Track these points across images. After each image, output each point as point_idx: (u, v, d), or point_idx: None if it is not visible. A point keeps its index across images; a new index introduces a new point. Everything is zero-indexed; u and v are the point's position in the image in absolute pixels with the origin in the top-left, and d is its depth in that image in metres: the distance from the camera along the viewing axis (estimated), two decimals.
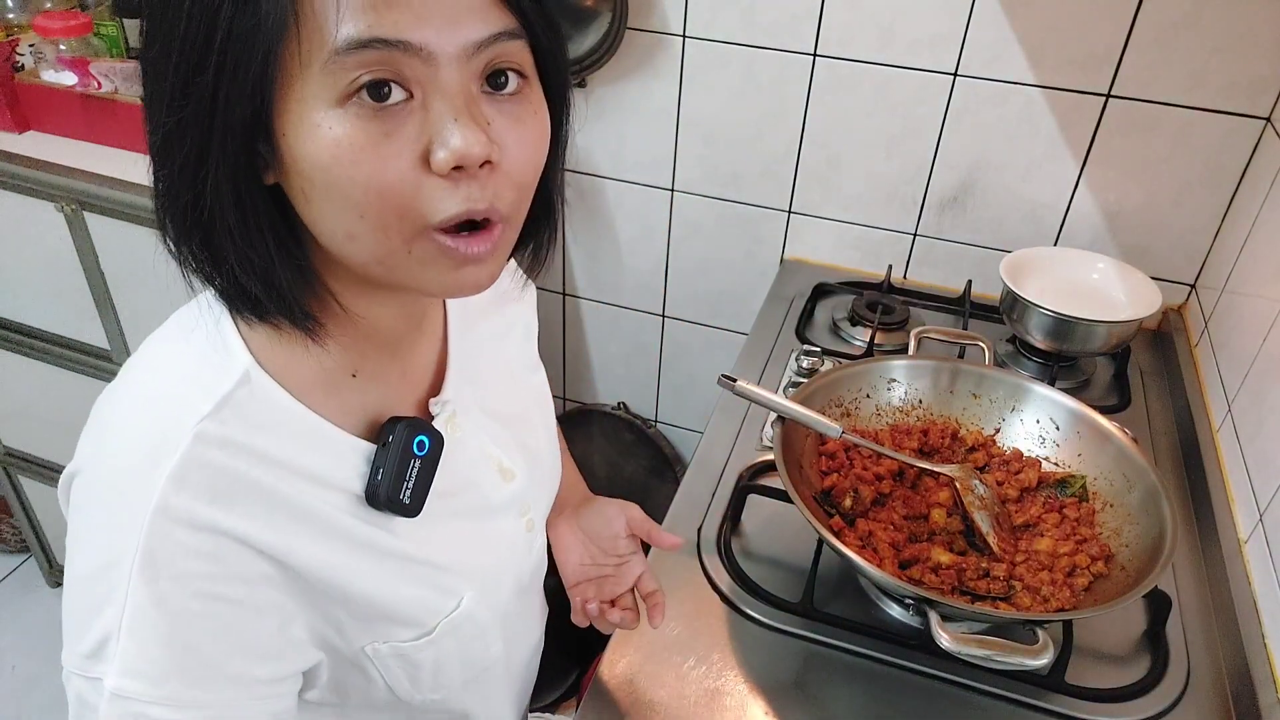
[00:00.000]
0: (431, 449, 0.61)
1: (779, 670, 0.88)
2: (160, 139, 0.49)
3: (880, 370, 1.06)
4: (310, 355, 0.56)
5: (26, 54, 1.50)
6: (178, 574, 0.51)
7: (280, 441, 0.55)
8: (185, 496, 0.51)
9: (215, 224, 0.49)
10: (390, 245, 0.49)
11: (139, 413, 0.54)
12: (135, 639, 0.51)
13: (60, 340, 1.61)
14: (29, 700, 1.93)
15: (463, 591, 0.66)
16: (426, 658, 0.65)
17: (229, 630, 0.53)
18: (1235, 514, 1.03)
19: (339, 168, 0.46)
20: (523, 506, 0.74)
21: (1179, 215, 1.31)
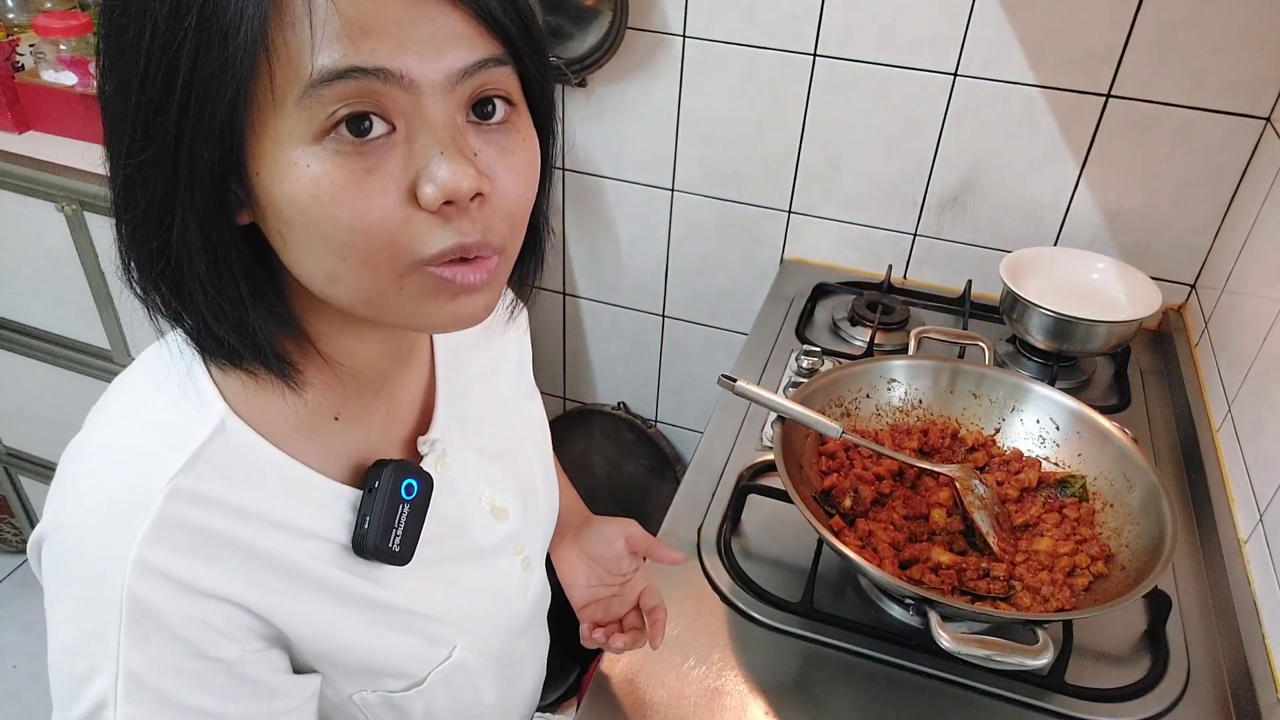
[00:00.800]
0: (420, 492, 0.58)
1: (779, 670, 0.88)
2: (121, 182, 0.46)
3: (880, 370, 1.06)
4: (289, 400, 0.53)
5: (26, 54, 1.50)
6: (166, 640, 0.49)
7: (260, 494, 0.52)
8: (162, 557, 0.48)
9: (184, 270, 0.46)
10: (379, 284, 0.46)
11: (108, 470, 0.51)
12: (134, 704, 0.49)
13: (60, 340, 1.61)
14: (31, 698, 1.93)
15: (454, 640, 0.63)
16: (417, 707, 0.63)
17: (226, 683, 0.52)
18: (1235, 514, 1.03)
19: (319, 208, 0.43)
20: (517, 545, 0.71)
21: (1179, 215, 1.31)
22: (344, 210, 0.43)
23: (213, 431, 0.50)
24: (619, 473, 1.88)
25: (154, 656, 0.49)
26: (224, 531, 0.50)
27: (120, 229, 0.48)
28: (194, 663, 0.50)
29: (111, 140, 0.46)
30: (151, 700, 0.49)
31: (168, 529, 0.48)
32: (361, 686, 0.60)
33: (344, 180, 0.43)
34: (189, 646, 0.50)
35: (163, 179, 0.43)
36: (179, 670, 0.49)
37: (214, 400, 0.51)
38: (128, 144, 0.44)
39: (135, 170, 0.44)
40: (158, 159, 0.43)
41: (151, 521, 0.48)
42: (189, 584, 0.49)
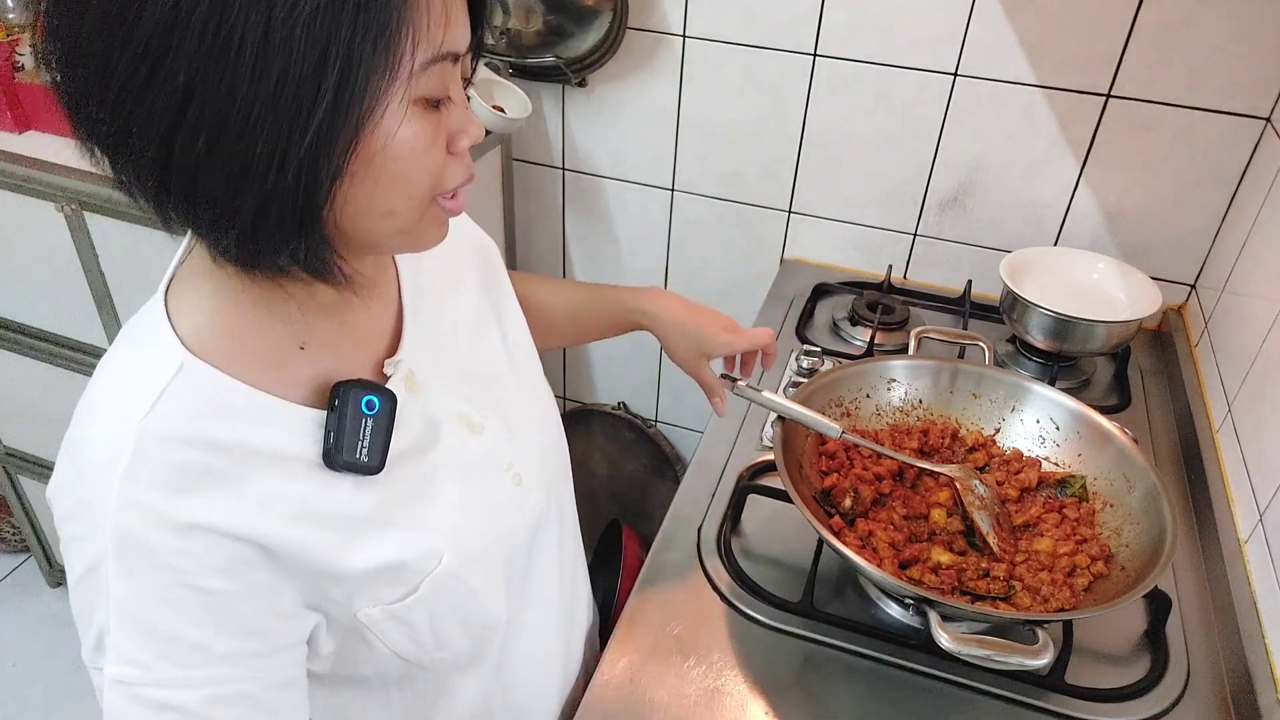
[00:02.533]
0: (383, 407, 0.61)
1: (779, 670, 0.88)
2: (250, 151, 0.48)
3: (880, 370, 1.06)
4: (253, 335, 0.59)
5: (26, 54, 1.50)
6: (150, 568, 0.53)
7: (227, 425, 0.56)
8: (141, 494, 0.53)
9: (267, 207, 0.50)
10: (416, 215, 0.57)
11: (92, 425, 0.57)
12: (123, 631, 0.54)
13: (60, 340, 1.61)
14: (29, 697, 1.93)
15: (440, 549, 0.66)
16: (420, 617, 0.66)
17: (211, 616, 0.56)
18: (1235, 514, 1.03)
19: (413, 158, 0.53)
20: (505, 463, 0.74)
21: (1179, 215, 1.31)
22: (426, 161, 0.54)
23: (174, 373, 0.55)
24: (619, 472, 1.88)
25: (140, 587, 0.53)
26: (197, 463, 0.55)
27: (199, 196, 0.50)
28: (179, 593, 0.54)
29: (235, 117, 0.47)
30: (140, 630, 0.54)
31: (143, 466, 0.53)
32: (363, 601, 0.63)
33: (427, 138, 0.54)
34: (174, 575, 0.54)
35: (281, 134, 0.47)
36: (164, 600, 0.54)
37: (174, 346, 0.56)
38: (259, 121, 0.47)
39: (265, 137, 0.48)
40: (289, 132, 0.47)
41: (128, 461, 0.53)
42: (169, 516, 0.53)
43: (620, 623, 0.92)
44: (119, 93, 0.47)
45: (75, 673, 1.96)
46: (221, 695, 0.57)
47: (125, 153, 0.50)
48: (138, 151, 0.49)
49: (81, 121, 0.50)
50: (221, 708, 0.57)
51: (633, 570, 1.01)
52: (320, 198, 0.51)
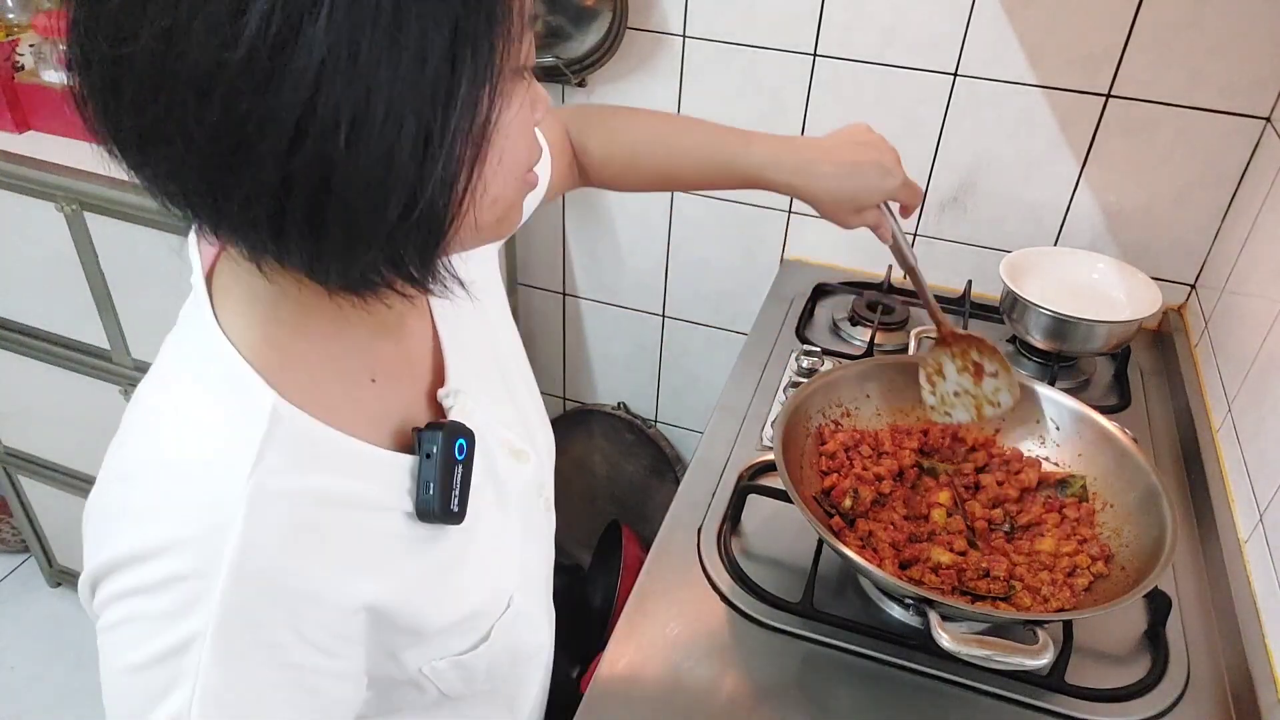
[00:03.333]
0: (469, 451, 0.58)
1: (779, 670, 0.88)
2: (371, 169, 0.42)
3: (880, 370, 1.06)
4: (328, 369, 0.53)
5: (26, 54, 1.50)
6: (255, 645, 0.48)
7: (324, 476, 0.51)
8: (260, 558, 0.47)
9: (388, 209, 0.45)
10: (515, 197, 0.53)
11: (173, 483, 0.48)
12: (205, 718, 0.47)
13: (60, 340, 1.61)
14: (29, 699, 1.93)
15: (510, 589, 0.64)
16: (481, 664, 0.64)
17: (307, 698, 0.51)
18: (1235, 514, 1.03)
19: (520, 133, 0.50)
20: (540, 487, 0.73)
21: (1179, 215, 1.31)
22: (528, 135, 0.51)
23: (269, 418, 0.48)
24: (619, 473, 1.88)
25: (241, 668, 0.48)
26: (309, 522, 0.50)
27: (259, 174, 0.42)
28: (275, 674, 0.49)
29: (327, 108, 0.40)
30: (229, 716, 0.48)
31: (259, 531, 0.47)
32: (432, 655, 0.60)
33: (526, 110, 0.50)
34: (275, 654, 0.49)
35: (425, 115, 0.42)
36: (259, 685, 0.49)
37: (259, 386, 0.49)
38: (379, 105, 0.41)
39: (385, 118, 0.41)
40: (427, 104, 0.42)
41: (241, 526, 0.46)
42: (288, 589, 0.48)
43: (620, 623, 0.91)
44: (227, 100, 0.39)
45: (75, 673, 1.96)
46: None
47: (239, 170, 0.41)
48: (253, 174, 0.41)
49: (164, 160, 0.43)
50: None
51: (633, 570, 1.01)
52: (461, 189, 0.45)
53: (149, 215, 1.36)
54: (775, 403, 1.21)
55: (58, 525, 2.01)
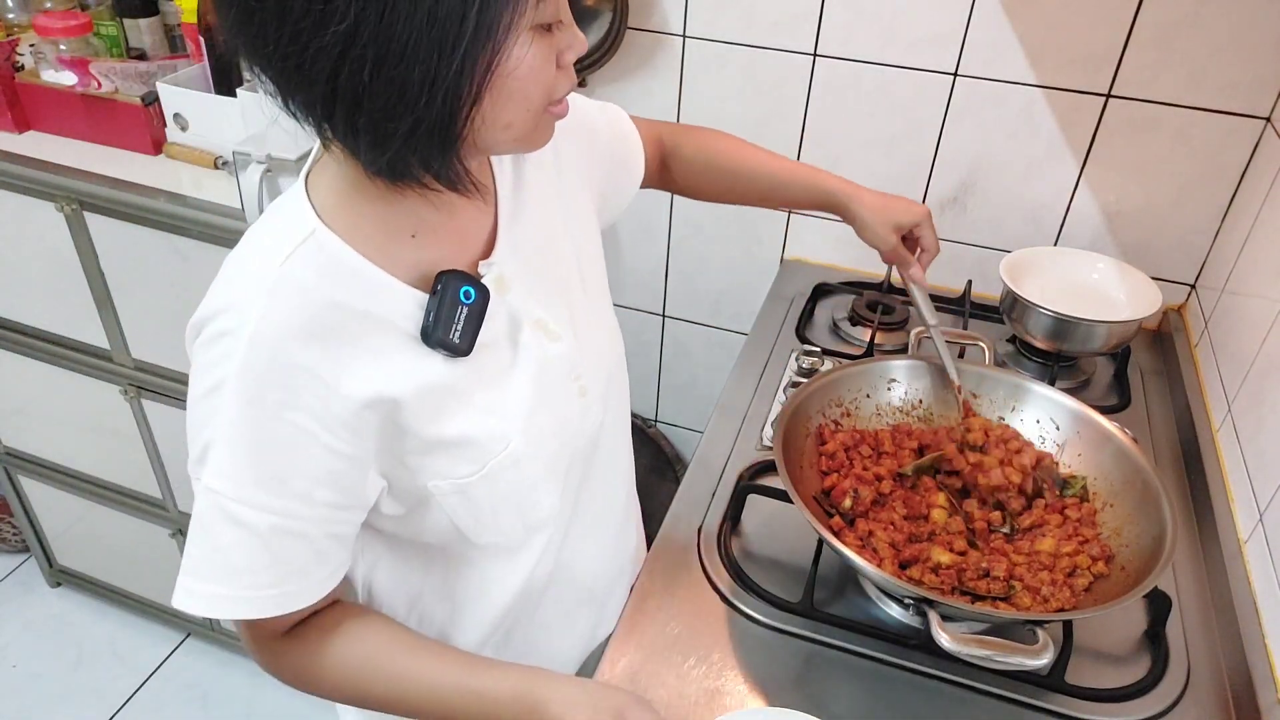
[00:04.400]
0: (478, 299, 0.69)
1: (779, 670, 0.88)
2: (407, 79, 0.56)
3: (880, 370, 1.06)
4: (374, 217, 0.66)
5: (26, 54, 1.50)
6: (262, 399, 0.62)
7: (345, 288, 0.64)
8: (271, 331, 0.62)
9: (431, 116, 0.58)
10: (532, 124, 0.64)
11: (239, 268, 0.66)
12: (226, 447, 0.64)
13: (60, 340, 1.61)
14: (29, 697, 1.93)
15: (510, 436, 0.73)
16: (482, 495, 0.73)
17: (297, 454, 0.65)
18: (1235, 514, 1.03)
19: (535, 74, 0.61)
20: (573, 371, 0.80)
21: (1179, 215, 1.31)
22: (542, 78, 0.62)
23: (307, 235, 0.64)
24: None
25: (250, 410, 0.63)
26: (318, 317, 0.63)
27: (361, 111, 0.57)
28: (278, 425, 0.63)
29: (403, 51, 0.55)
30: (240, 448, 0.63)
31: (276, 309, 0.62)
32: (434, 473, 0.71)
33: (543, 59, 0.61)
34: (279, 408, 0.63)
35: (433, 62, 0.55)
36: (265, 427, 0.63)
37: (309, 214, 0.65)
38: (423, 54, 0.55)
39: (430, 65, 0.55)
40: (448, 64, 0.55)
41: (265, 301, 0.62)
42: (291, 356, 0.62)
43: (620, 623, 0.92)
44: (293, 32, 0.54)
45: (75, 671, 1.97)
46: (285, 528, 0.66)
47: (297, 84, 0.58)
48: (308, 83, 0.56)
49: (257, 58, 0.58)
50: (282, 539, 0.66)
51: None
52: (461, 118, 0.58)
53: (149, 215, 1.36)
54: (775, 403, 1.21)
55: (58, 525, 2.01)
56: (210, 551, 0.66)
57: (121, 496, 1.82)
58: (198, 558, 0.67)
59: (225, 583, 0.66)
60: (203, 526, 0.66)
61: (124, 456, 1.71)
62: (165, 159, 1.45)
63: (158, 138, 1.46)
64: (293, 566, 0.68)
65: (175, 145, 1.45)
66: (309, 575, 0.69)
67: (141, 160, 1.44)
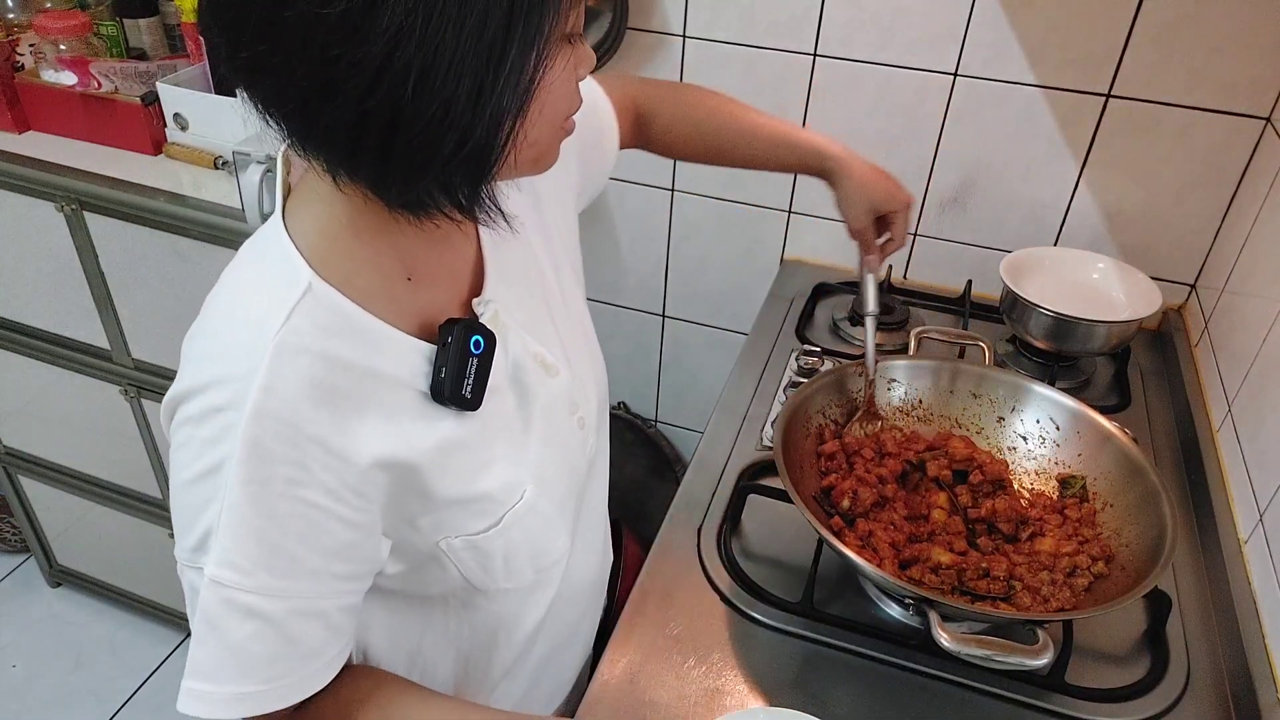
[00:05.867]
0: (486, 347, 0.65)
1: (779, 670, 0.88)
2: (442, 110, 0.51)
3: (880, 370, 1.06)
4: (369, 263, 0.62)
5: (26, 54, 1.50)
6: (269, 478, 0.57)
7: (348, 345, 0.59)
8: (275, 402, 0.56)
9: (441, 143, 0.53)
10: (551, 142, 0.61)
11: (227, 334, 0.59)
12: (231, 534, 0.57)
13: (60, 340, 1.61)
14: (29, 698, 1.93)
15: (524, 483, 0.70)
16: (496, 548, 0.70)
17: (311, 531, 0.59)
18: (1235, 514, 1.03)
19: (563, 90, 0.58)
20: (571, 405, 0.77)
21: (1179, 215, 1.31)
22: (569, 92, 0.59)
23: (304, 290, 0.58)
24: (619, 473, 1.87)
25: (258, 493, 0.57)
26: (325, 380, 0.58)
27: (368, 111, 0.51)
28: (289, 504, 0.58)
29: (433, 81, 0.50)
30: (247, 534, 0.57)
31: (279, 378, 0.56)
32: (446, 531, 0.67)
33: (569, 71, 0.58)
34: (289, 486, 0.58)
35: (480, 72, 0.51)
36: (275, 509, 0.58)
37: (301, 265, 0.59)
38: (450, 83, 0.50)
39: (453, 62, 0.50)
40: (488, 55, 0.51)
41: (265, 372, 0.56)
42: (298, 429, 0.57)
43: (620, 623, 0.92)
44: (324, 43, 0.48)
45: (75, 672, 1.96)
46: (302, 609, 0.61)
47: (325, 107, 0.51)
48: (336, 105, 0.50)
49: (269, 86, 0.52)
50: (300, 621, 0.61)
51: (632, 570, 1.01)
52: (504, 136, 0.54)
53: (149, 215, 1.36)
54: (775, 403, 1.21)
55: (58, 525, 2.00)
56: (222, 650, 0.60)
57: (121, 496, 1.82)
58: (208, 658, 0.60)
59: (244, 680, 0.60)
60: (210, 623, 0.59)
61: (124, 456, 1.71)
62: (165, 159, 1.45)
63: (157, 138, 1.45)
64: (311, 647, 0.63)
65: (175, 145, 1.45)
66: (325, 652, 0.64)
67: (141, 160, 1.44)
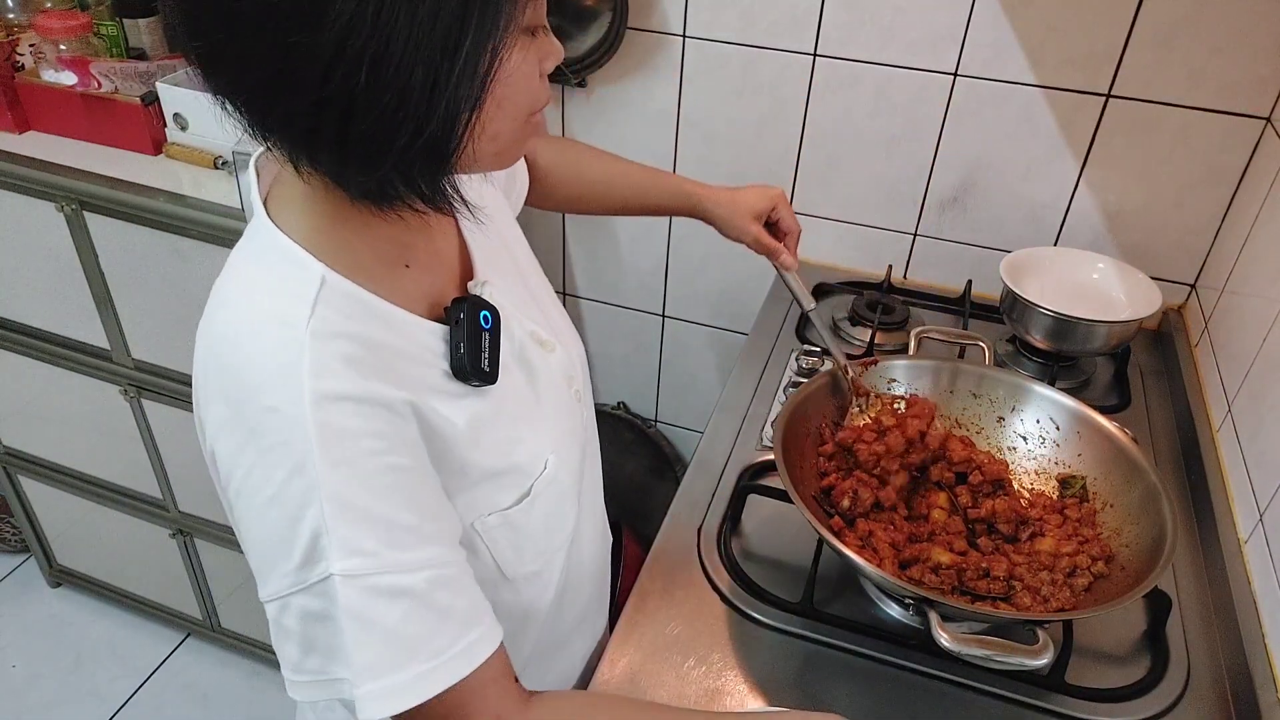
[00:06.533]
0: (494, 322, 0.67)
1: (779, 670, 0.88)
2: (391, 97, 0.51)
3: (880, 370, 1.06)
4: (368, 253, 0.62)
5: (26, 54, 1.50)
6: (355, 455, 0.56)
7: (373, 329, 0.60)
8: (330, 382, 0.56)
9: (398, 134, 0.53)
10: (514, 135, 0.60)
11: (253, 339, 0.58)
12: (343, 523, 0.56)
13: (60, 340, 1.61)
14: (29, 698, 1.93)
15: (546, 453, 0.72)
16: (526, 521, 0.71)
17: (410, 496, 0.59)
18: (1235, 514, 1.03)
19: (522, 84, 0.58)
20: (568, 378, 0.79)
21: (1179, 215, 1.31)
22: (530, 85, 0.59)
23: (320, 283, 0.58)
24: (619, 473, 1.88)
25: (352, 472, 0.56)
26: (363, 356, 0.58)
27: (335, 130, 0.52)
28: (383, 475, 0.58)
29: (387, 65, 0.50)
30: (359, 516, 0.56)
31: (324, 361, 0.56)
32: (482, 509, 0.68)
33: (530, 64, 0.58)
34: (376, 456, 0.57)
35: (435, 61, 0.51)
36: (375, 483, 0.57)
37: (310, 261, 0.59)
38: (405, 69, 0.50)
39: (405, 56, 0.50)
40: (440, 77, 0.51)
41: (310, 360, 0.55)
42: (360, 397, 0.57)
43: (620, 623, 0.92)
44: (278, 30, 0.49)
45: (75, 672, 1.97)
46: (442, 578, 0.60)
47: (277, 96, 0.51)
48: (292, 93, 0.51)
49: (227, 74, 0.52)
50: (440, 590, 0.60)
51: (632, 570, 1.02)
52: (461, 128, 0.54)
53: (149, 215, 1.36)
54: (775, 403, 1.21)
55: (58, 525, 2.00)
56: (381, 640, 0.57)
57: (121, 496, 1.82)
58: (372, 655, 0.57)
59: (415, 661, 0.58)
60: (359, 619, 0.57)
61: (124, 456, 1.71)
62: (165, 159, 1.45)
63: (157, 138, 1.45)
64: (464, 615, 0.61)
65: (175, 145, 1.45)
66: (481, 619, 0.62)
67: (141, 160, 1.44)
